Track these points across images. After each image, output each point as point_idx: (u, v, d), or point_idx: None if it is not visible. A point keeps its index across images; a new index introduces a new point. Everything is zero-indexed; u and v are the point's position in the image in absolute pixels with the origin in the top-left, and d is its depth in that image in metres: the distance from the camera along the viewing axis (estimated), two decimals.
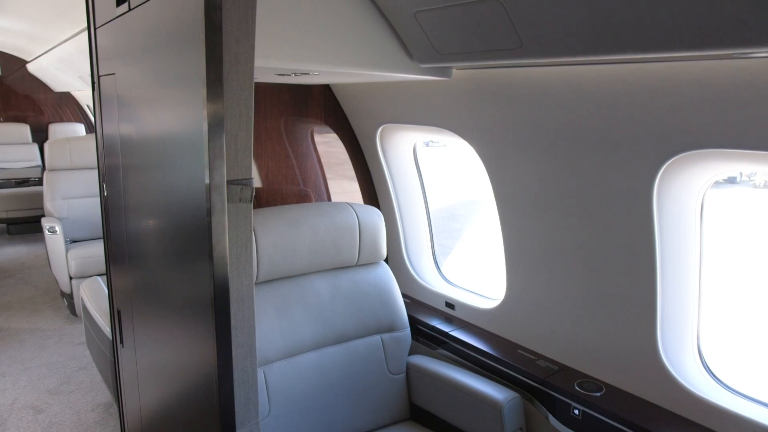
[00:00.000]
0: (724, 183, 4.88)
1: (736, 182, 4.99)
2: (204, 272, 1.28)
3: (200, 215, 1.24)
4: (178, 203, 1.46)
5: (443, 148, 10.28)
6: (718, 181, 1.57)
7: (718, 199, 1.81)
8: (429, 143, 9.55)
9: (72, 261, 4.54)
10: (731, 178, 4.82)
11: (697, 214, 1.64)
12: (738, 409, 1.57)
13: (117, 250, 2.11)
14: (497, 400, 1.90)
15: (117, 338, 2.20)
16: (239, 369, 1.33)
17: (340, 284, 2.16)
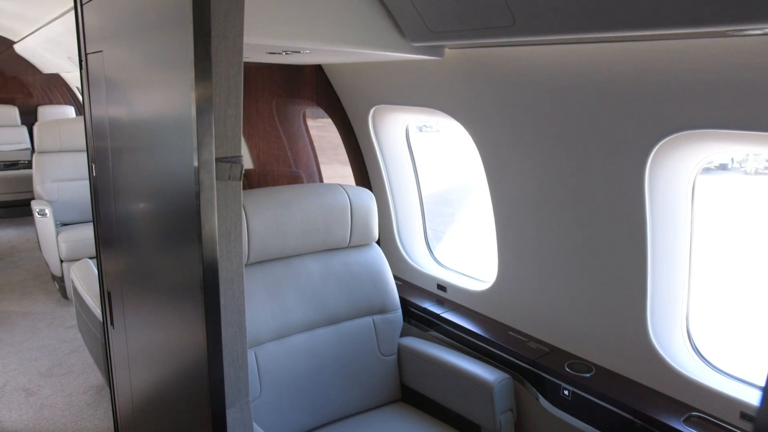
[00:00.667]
0: (716, 170, 4.91)
1: (727, 169, 5.03)
2: (193, 252, 1.27)
3: (189, 196, 1.23)
4: (166, 183, 1.44)
5: (436, 134, 10.24)
6: (709, 167, 1.57)
7: (709, 185, 1.81)
8: (422, 128, 9.43)
9: (63, 244, 4.51)
10: (723, 165, 4.86)
11: (688, 196, 1.64)
12: (725, 388, 1.59)
13: (106, 232, 2.10)
14: (488, 381, 1.91)
15: (107, 320, 2.19)
16: (229, 348, 1.32)
17: (332, 266, 2.15)
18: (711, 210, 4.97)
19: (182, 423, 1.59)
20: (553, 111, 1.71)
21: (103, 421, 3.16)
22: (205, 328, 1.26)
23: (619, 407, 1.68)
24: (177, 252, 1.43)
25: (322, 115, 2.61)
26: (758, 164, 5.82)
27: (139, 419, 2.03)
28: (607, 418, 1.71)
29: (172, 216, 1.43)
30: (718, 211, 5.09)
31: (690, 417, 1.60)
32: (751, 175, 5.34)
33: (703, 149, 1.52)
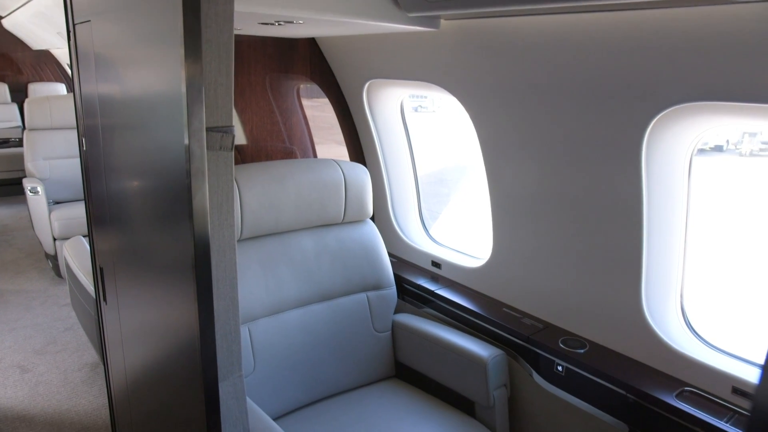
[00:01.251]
0: (711, 151, 4.91)
1: (722, 150, 5.01)
2: (184, 225, 1.25)
3: (180, 169, 1.20)
4: (157, 157, 1.41)
5: (432, 114, 10.20)
6: (704, 149, 1.56)
7: (705, 166, 1.80)
8: (418, 108, 9.40)
9: (55, 222, 4.48)
10: (718, 146, 4.84)
11: (685, 171, 1.63)
12: (718, 364, 1.59)
13: (98, 210, 2.07)
14: (482, 357, 1.91)
15: (100, 296, 2.18)
16: (221, 321, 1.31)
17: (326, 242, 2.14)
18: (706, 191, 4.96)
19: (176, 398, 1.58)
20: (549, 83, 1.69)
21: (98, 398, 3.16)
22: (197, 301, 1.25)
23: (613, 383, 1.68)
24: (169, 226, 1.41)
25: (317, 94, 2.57)
26: (753, 146, 5.82)
27: (132, 395, 2.03)
28: (600, 393, 1.72)
29: (163, 190, 1.41)
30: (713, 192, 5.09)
31: (683, 392, 1.60)
32: (746, 156, 5.33)
33: (702, 123, 1.50)
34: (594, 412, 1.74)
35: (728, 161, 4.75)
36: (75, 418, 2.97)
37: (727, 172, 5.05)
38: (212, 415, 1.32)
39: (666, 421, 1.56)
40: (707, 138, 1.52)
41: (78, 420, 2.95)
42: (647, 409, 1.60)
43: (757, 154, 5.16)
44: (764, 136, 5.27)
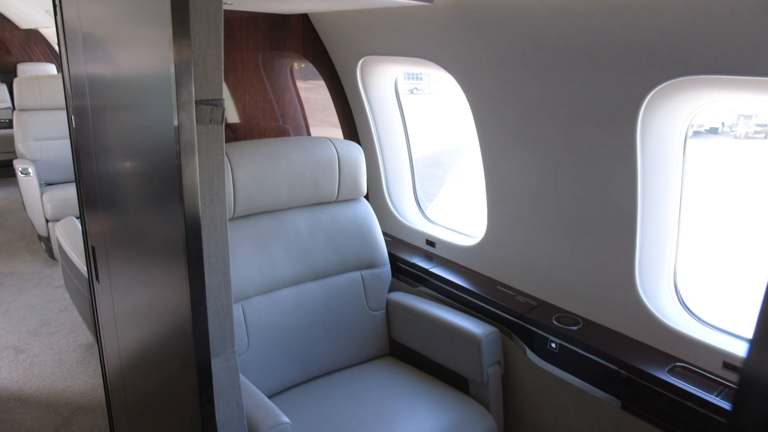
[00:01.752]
0: (706, 133, 4.90)
1: (717, 133, 5.00)
2: (175, 200, 1.23)
3: (169, 145, 1.18)
4: (146, 133, 1.39)
5: (428, 96, 10.12)
6: (699, 131, 1.55)
7: (699, 148, 1.79)
8: (413, 90, 9.33)
9: (48, 203, 4.45)
10: (713, 129, 4.83)
11: (680, 147, 1.62)
12: (709, 339, 1.60)
13: (89, 190, 2.05)
14: (476, 334, 1.91)
15: (92, 275, 2.17)
16: (213, 298, 1.30)
17: (320, 220, 2.13)
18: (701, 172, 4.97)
19: (169, 375, 1.58)
20: (544, 58, 1.67)
21: (93, 378, 3.17)
22: (189, 277, 1.24)
23: (605, 359, 1.69)
24: (159, 203, 1.39)
25: (311, 76, 2.54)
26: (748, 128, 5.81)
27: (127, 374, 2.03)
28: (593, 369, 1.73)
29: (153, 167, 1.39)
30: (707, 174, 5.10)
31: (674, 367, 1.61)
32: (741, 139, 5.32)
33: (698, 97, 1.49)
34: (587, 388, 1.75)
35: (723, 144, 4.74)
36: (70, 398, 2.98)
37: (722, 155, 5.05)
38: (205, 391, 1.32)
39: (658, 396, 1.57)
40: (702, 120, 1.51)
41: (73, 400, 2.96)
42: (639, 384, 1.61)
43: (752, 136, 5.15)
44: (760, 118, 5.27)
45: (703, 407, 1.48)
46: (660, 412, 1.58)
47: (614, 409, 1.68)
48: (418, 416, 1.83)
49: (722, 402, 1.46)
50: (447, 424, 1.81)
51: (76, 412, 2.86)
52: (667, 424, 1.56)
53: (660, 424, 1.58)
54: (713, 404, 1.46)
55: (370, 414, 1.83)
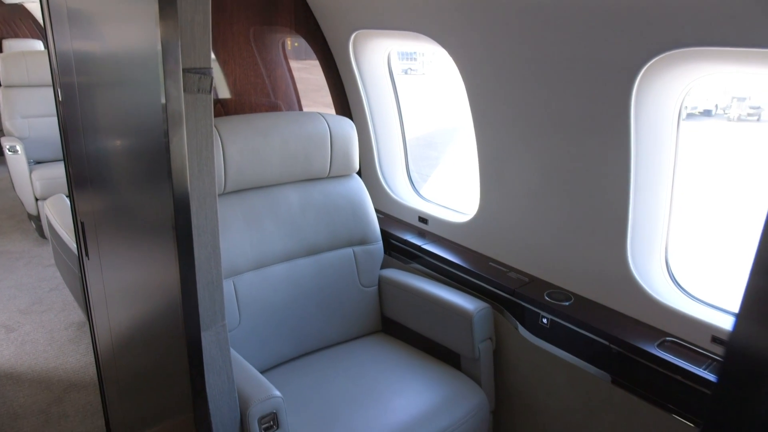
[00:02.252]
0: (700, 116, 4.89)
1: (711, 115, 5.00)
2: (163, 173, 1.21)
3: (156, 117, 1.16)
4: (133, 104, 1.37)
5: (422, 77, 10.04)
6: (693, 113, 1.53)
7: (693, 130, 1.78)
8: (407, 71, 9.16)
9: (37, 182, 4.40)
10: (707, 111, 4.83)
11: (674, 123, 1.61)
12: (698, 314, 1.61)
13: (77, 167, 2.02)
14: (468, 310, 1.92)
15: (82, 251, 2.15)
16: (203, 270, 1.29)
17: (311, 196, 2.11)
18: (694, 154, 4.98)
19: (160, 350, 1.58)
20: (539, 32, 1.64)
21: (85, 356, 3.16)
22: (177, 250, 1.22)
23: (596, 334, 1.70)
24: (147, 176, 1.37)
25: (305, 56, 2.50)
26: (741, 111, 5.80)
27: (118, 351, 2.03)
28: (584, 344, 1.74)
29: (141, 142, 1.37)
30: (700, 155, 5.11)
31: (664, 342, 1.62)
32: (734, 121, 5.31)
33: (693, 71, 1.47)
34: (577, 363, 1.76)
35: (716, 126, 4.74)
36: (63, 375, 2.98)
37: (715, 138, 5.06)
38: (195, 364, 1.32)
39: (647, 369, 1.58)
40: (696, 102, 1.50)
41: (66, 377, 2.96)
42: (629, 358, 1.62)
43: (745, 119, 5.15)
44: (754, 100, 5.26)
45: (691, 380, 1.49)
46: (650, 385, 1.59)
47: (605, 384, 1.70)
48: (410, 391, 1.84)
49: (710, 375, 1.47)
50: (438, 398, 1.82)
51: (69, 389, 2.86)
52: (657, 398, 1.58)
53: (649, 398, 1.59)
54: (701, 377, 1.47)
55: (362, 389, 1.84)
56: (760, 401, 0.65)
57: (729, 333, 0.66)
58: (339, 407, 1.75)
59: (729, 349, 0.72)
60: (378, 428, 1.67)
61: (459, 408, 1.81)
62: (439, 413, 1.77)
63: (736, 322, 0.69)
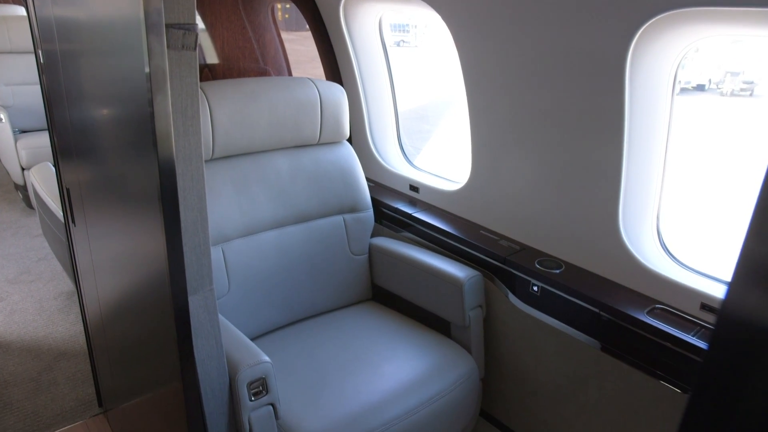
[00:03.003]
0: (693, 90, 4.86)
1: (704, 90, 4.98)
2: (147, 134, 1.18)
3: (140, 75, 1.12)
4: (117, 67, 1.33)
5: (414, 49, 9.92)
6: (686, 88, 1.51)
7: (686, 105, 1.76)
8: (400, 43, 9.04)
9: (22, 151, 4.33)
10: (700, 86, 4.81)
11: (669, 88, 1.59)
12: (688, 281, 1.61)
13: (62, 135, 1.98)
14: (458, 277, 1.91)
15: (68, 218, 2.11)
16: (190, 233, 1.27)
17: (301, 163, 2.08)
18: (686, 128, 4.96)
19: (148, 317, 1.56)
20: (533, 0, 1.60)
21: (74, 325, 3.15)
22: (163, 212, 1.20)
23: (586, 301, 1.70)
24: (133, 142, 1.34)
25: (295, 27, 2.44)
26: (735, 85, 5.78)
27: (107, 318, 2.01)
28: (574, 312, 1.74)
29: (125, 102, 1.33)
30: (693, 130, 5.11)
31: (653, 309, 1.63)
32: (727, 96, 5.29)
33: (690, 33, 1.44)
34: (567, 331, 1.77)
35: (709, 101, 4.72)
36: (52, 344, 2.97)
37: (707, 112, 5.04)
38: (183, 329, 1.31)
39: (636, 336, 1.59)
40: (689, 76, 1.47)
41: (55, 346, 2.95)
42: (619, 326, 1.63)
43: (738, 93, 5.13)
44: (747, 75, 5.23)
45: (680, 347, 1.50)
46: (639, 352, 1.60)
47: (594, 351, 1.71)
48: (400, 358, 1.84)
49: (698, 341, 1.48)
50: (428, 365, 1.82)
51: (59, 357, 2.85)
52: (645, 364, 1.59)
53: (638, 365, 1.60)
54: (690, 344, 1.48)
55: (352, 355, 1.84)
56: (752, 367, 0.65)
57: (722, 299, 0.65)
58: (329, 373, 1.75)
59: (722, 315, 0.71)
60: (368, 394, 1.67)
61: (449, 375, 1.81)
62: (429, 380, 1.77)
63: (729, 288, 0.68)
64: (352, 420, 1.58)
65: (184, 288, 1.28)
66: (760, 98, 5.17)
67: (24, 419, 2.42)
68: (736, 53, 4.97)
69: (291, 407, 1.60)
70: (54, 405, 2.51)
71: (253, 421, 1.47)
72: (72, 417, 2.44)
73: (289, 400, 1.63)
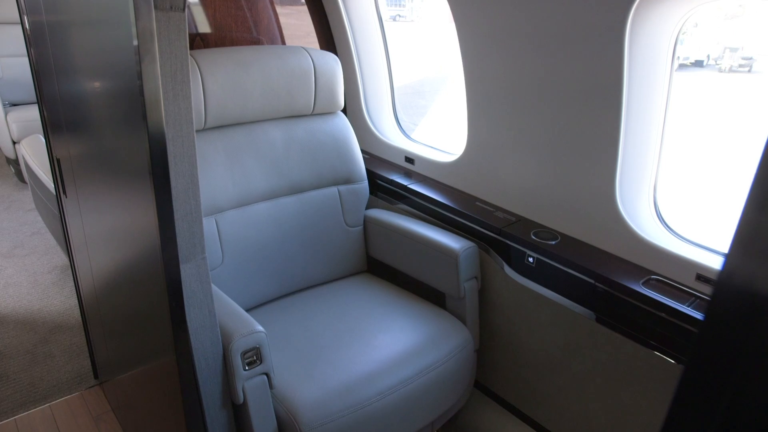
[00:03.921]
0: (691, 66, 4.82)
1: (702, 66, 4.94)
2: (136, 100, 1.15)
3: (128, 39, 1.09)
4: (104, 32, 1.29)
5: (411, 24, 9.75)
6: (685, 64, 1.48)
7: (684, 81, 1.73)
8: (396, 18, 8.96)
9: (13, 124, 4.27)
10: (698, 62, 4.76)
11: (669, 56, 1.56)
12: (685, 253, 1.61)
13: (52, 106, 1.94)
14: (453, 249, 1.90)
15: (59, 189, 2.09)
16: (181, 201, 1.25)
17: (295, 133, 2.05)
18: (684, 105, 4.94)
19: (141, 287, 1.55)
20: None
21: (69, 298, 3.14)
22: (153, 178, 1.18)
23: (582, 272, 1.70)
24: (120, 106, 1.31)
25: (288, 1, 2.39)
26: (733, 61, 5.71)
27: (100, 290, 2.00)
28: (570, 283, 1.73)
29: (114, 77, 1.29)
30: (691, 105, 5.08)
31: (649, 280, 1.62)
32: (726, 72, 5.23)
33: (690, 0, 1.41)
34: (562, 302, 1.77)
35: (707, 77, 4.69)
36: (47, 317, 2.96)
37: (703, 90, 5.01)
38: (176, 298, 1.30)
39: (631, 307, 1.59)
40: (688, 52, 1.44)
41: (50, 319, 2.95)
42: (614, 296, 1.63)
43: (737, 70, 5.08)
44: (746, 51, 5.18)
45: (675, 317, 1.50)
46: (633, 323, 1.60)
47: (589, 322, 1.71)
48: (395, 329, 1.84)
49: (694, 312, 1.48)
50: (423, 336, 1.82)
51: (54, 330, 2.85)
52: (640, 335, 1.59)
53: (633, 335, 1.61)
54: (685, 314, 1.48)
55: (346, 326, 1.84)
56: (747, 337, 0.64)
57: (719, 269, 0.64)
58: (323, 344, 1.75)
59: (719, 285, 0.70)
60: (362, 364, 1.67)
61: (443, 346, 1.82)
62: (424, 351, 1.77)
63: (726, 259, 0.67)
64: (347, 389, 1.58)
65: (175, 256, 1.27)
66: (758, 74, 5.14)
67: (20, 390, 2.43)
68: (735, 29, 4.92)
69: (285, 377, 1.60)
70: (50, 377, 2.52)
71: (248, 390, 1.47)
72: (68, 388, 2.45)
73: (283, 370, 1.63)
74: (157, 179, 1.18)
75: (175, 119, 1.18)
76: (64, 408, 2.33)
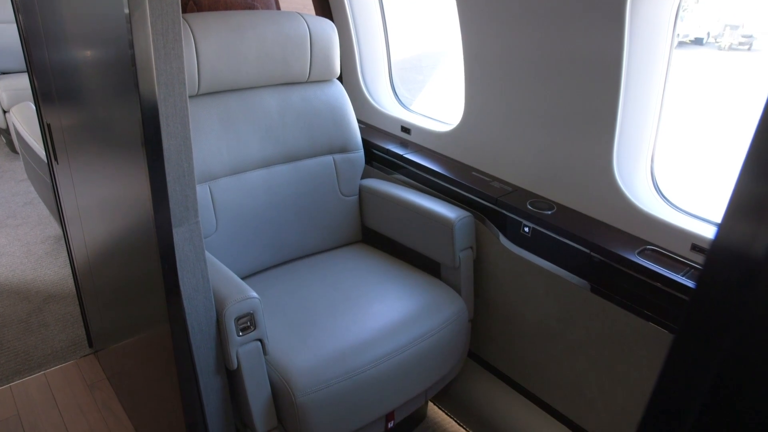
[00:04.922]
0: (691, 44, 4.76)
1: (702, 44, 4.88)
2: (126, 58, 1.12)
3: (121, 19, 1.05)
4: None
5: None
6: (684, 42, 1.46)
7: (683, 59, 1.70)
8: None
9: (3, 93, 4.21)
10: (698, 39, 4.71)
11: (670, 27, 1.53)
12: (680, 223, 1.61)
13: (42, 73, 1.90)
14: (449, 218, 1.89)
15: (51, 155, 2.06)
16: (173, 162, 1.23)
17: (290, 100, 2.02)
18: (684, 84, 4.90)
19: (134, 254, 1.54)
20: None
21: (63, 268, 3.13)
22: (144, 139, 1.15)
23: (577, 242, 1.69)
24: (111, 68, 1.28)
25: None
26: (733, 39, 5.65)
27: (93, 259, 1.99)
28: (565, 253, 1.73)
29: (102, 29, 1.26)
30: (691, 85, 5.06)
31: (644, 250, 1.62)
32: (725, 50, 5.18)
33: None
34: (557, 272, 1.77)
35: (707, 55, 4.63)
36: (41, 287, 2.95)
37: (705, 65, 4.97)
38: (168, 262, 1.29)
39: (626, 276, 1.59)
40: (688, 30, 1.41)
41: (44, 289, 2.94)
42: (610, 266, 1.63)
43: (736, 48, 5.03)
44: (747, 29, 5.12)
45: (670, 287, 1.50)
46: (628, 293, 1.60)
47: (583, 291, 1.71)
48: (390, 297, 1.84)
49: (688, 282, 1.48)
50: (417, 305, 1.82)
51: (48, 300, 2.84)
52: (634, 305, 1.59)
53: (627, 305, 1.61)
54: (680, 284, 1.48)
55: (341, 295, 1.84)
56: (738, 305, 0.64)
57: (712, 238, 0.63)
58: (317, 312, 1.75)
59: (711, 253, 0.70)
60: (356, 332, 1.67)
61: (438, 315, 1.82)
62: (419, 319, 1.78)
63: (718, 232, 0.67)
64: (341, 357, 1.59)
65: (168, 220, 1.26)
66: (758, 52, 5.09)
67: (15, 358, 2.43)
68: (736, 6, 4.86)
69: (279, 344, 1.60)
70: (44, 345, 2.52)
71: (241, 356, 1.47)
72: (63, 357, 2.45)
73: (277, 337, 1.63)
74: (148, 140, 1.16)
75: (167, 79, 1.15)
76: (59, 376, 2.34)
